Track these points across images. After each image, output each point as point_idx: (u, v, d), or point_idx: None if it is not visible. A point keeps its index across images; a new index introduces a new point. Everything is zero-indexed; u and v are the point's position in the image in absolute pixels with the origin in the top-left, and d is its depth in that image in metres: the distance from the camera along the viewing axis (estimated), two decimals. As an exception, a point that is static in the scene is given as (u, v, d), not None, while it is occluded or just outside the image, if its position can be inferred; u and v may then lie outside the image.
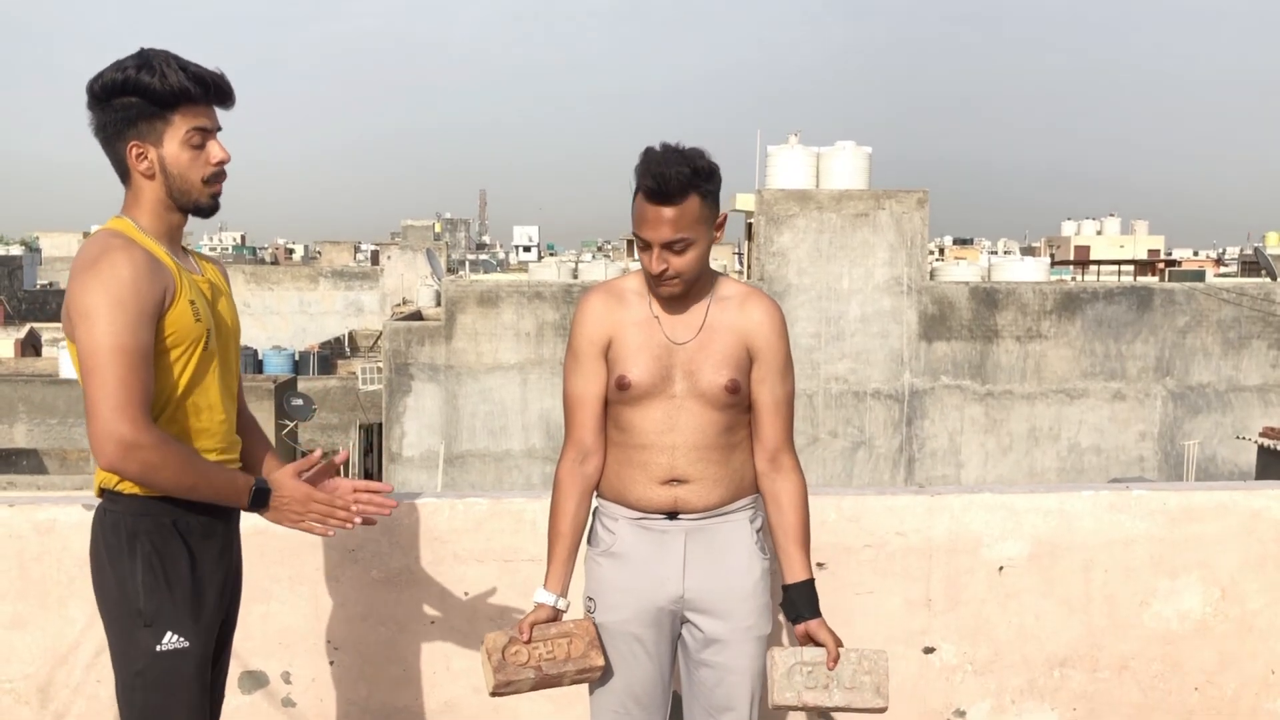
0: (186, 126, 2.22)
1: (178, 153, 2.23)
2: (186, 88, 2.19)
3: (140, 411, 2.11)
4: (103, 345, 2.10)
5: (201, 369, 2.27)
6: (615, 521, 2.52)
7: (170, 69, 2.19)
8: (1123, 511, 3.27)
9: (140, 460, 2.11)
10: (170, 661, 2.20)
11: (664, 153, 2.37)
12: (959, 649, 3.28)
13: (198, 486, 2.19)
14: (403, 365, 17.41)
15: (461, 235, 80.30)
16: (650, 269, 2.43)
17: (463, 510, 3.20)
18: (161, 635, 2.20)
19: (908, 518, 3.25)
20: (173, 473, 2.15)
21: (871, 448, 20.36)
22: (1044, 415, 20.60)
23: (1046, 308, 20.44)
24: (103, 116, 2.22)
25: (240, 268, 43.93)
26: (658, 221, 2.38)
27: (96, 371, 2.10)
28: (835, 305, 20.06)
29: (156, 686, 2.21)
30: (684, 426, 2.45)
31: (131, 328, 2.11)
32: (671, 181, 2.34)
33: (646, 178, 2.36)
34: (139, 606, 2.20)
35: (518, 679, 2.45)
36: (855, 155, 21.58)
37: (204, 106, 2.24)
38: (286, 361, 31.02)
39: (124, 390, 2.09)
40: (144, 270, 2.15)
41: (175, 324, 2.21)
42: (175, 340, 2.22)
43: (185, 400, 2.26)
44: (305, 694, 3.20)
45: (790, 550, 2.47)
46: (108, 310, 2.10)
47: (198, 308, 2.26)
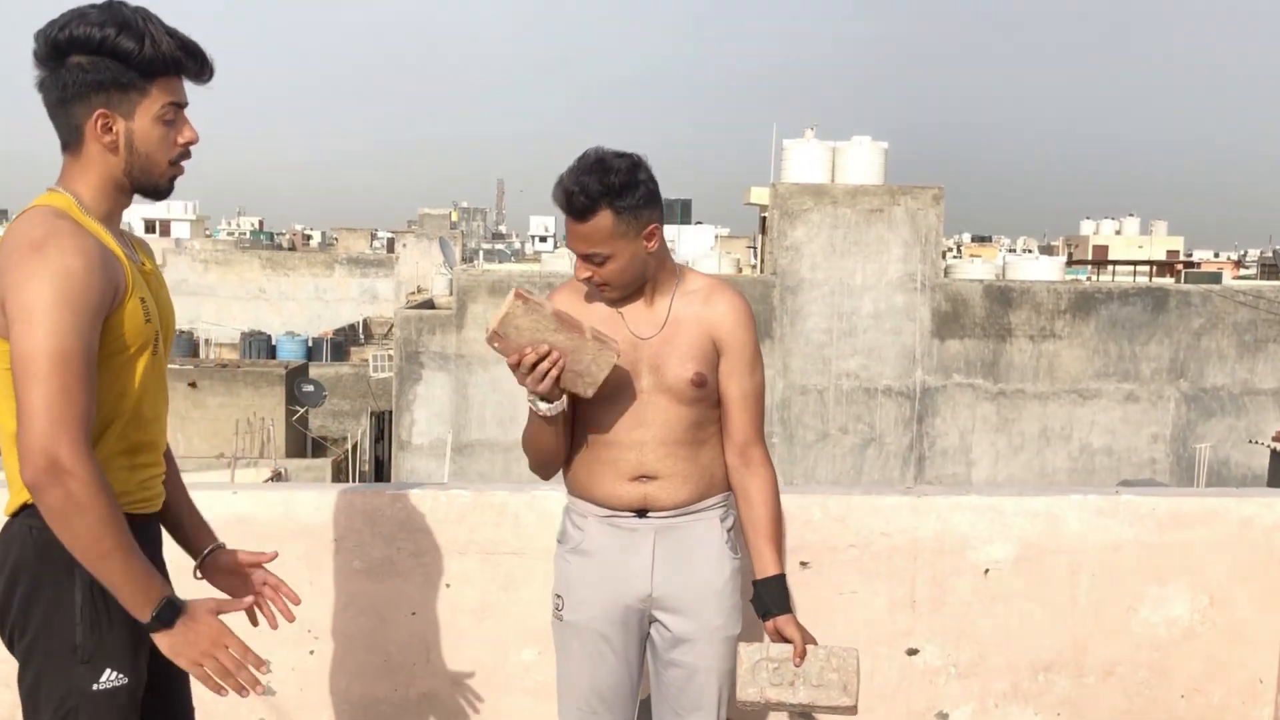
0: (164, 100, 1.97)
1: (149, 128, 1.97)
2: (177, 57, 1.95)
3: (81, 432, 1.85)
4: (45, 348, 1.83)
5: (149, 374, 2.03)
6: (584, 519, 2.50)
7: (159, 33, 1.93)
8: (1111, 516, 3.23)
9: (67, 490, 1.83)
10: (106, 700, 1.97)
11: (584, 165, 2.33)
12: (943, 651, 3.25)
13: (109, 555, 1.86)
14: (413, 353, 17.43)
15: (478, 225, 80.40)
16: (578, 277, 2.44)
17: (445, 502, 3.19)
18: (100, 672, 1.96)
19: (894, 518, 3.23)
20: (90, 524, 1.84)
21: (882, 445, 20.30)
22: (1056, 415, 20.50)
23: (1060, 307, 20.34)
24: (64, 75, 1.94)
25: (257, 253, 44.07)
26: (572, 235, 2.39)
27: (35, 379, 1.83)
28: (848, 301, 19.99)
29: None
30: (651, 422, 2.43)
31: (77, 329, 1.86)
32: (576, 199, 2.32)
33: (558, 192, 2.35)
34: (75, 641, 1.96)
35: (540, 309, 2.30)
36: (871, 150, 21.49)
37: (180, 80, 2.00)
38: (300, 347, 31.14)
39: (66, 403, 1.83)
40: (95, 261, 1.89)
41: (125, 324, 1.96)
42: (125, 343, 1.97)
43: (136, 411, 2.03)
44: (285, 683, 3.20)
45: (760, 545, 2.45)
46: (54, 308, 1.84)
47: (148, 306, 2.02)
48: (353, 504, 3.18)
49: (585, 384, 2.36)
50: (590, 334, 2.33)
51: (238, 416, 21.79)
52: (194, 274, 40.63)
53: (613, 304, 2.47)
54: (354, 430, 24.52)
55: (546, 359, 2.30)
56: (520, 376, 2.33)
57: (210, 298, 40.09)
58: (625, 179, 2.32)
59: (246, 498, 3.20)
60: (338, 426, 25.49)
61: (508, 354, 2.32)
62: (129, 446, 2.04)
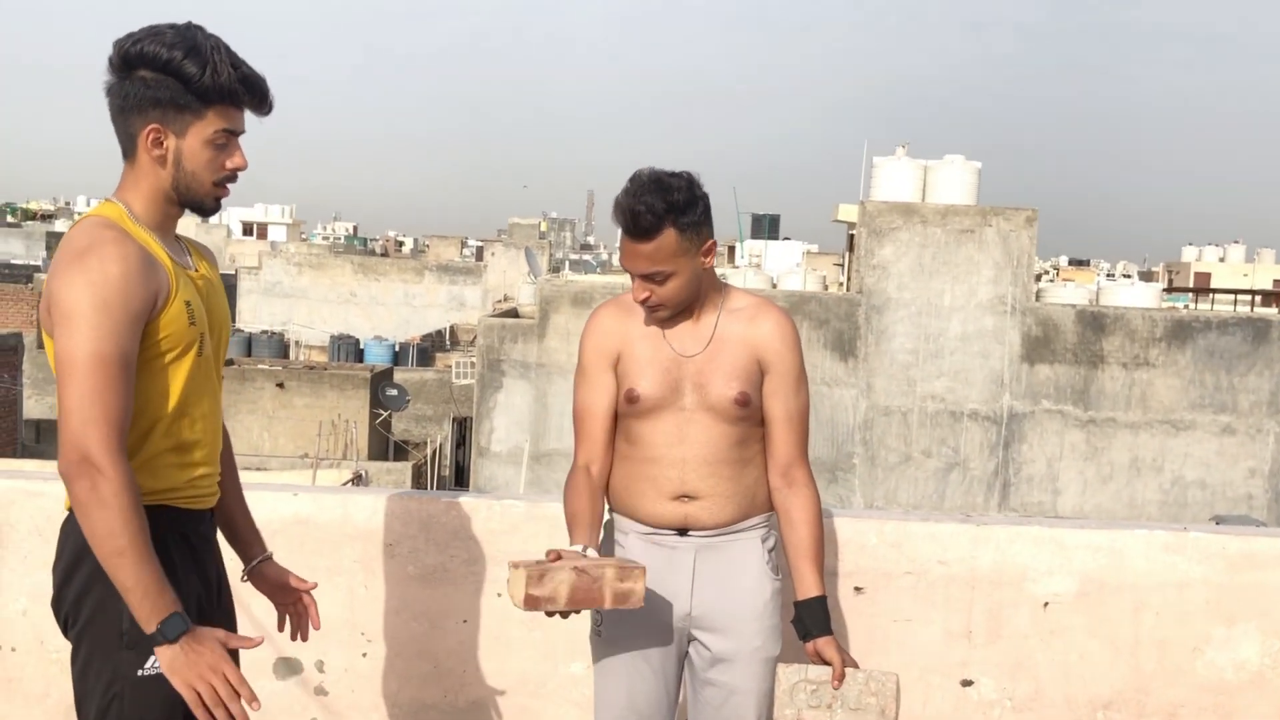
0: (217, 126, 2.07)
1: (198, 149, 2.08)
2: (234, 89, 2.06)
3: (112, 432, 1.94)
4: (84, 351, 1.94)
5: (196, 375, 2.12)
6: (626, 535, 2.50)
7: (222, 64, 2.03)
8: (1178, 553, 3.14)
9: (92, 485, 1.92)
10: (151, 686, 2.03)
11: (642, 184, 2.33)
12: (998, 684, 3.18)
13: (123, 556, 1.92)
14: (495, 361, 17.60)
15: (567, 235, 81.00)
16: (635, 298, 2.42)
17: (500, 512, 3.21)
18: (145, 658, 2.02)
19: (951, 546, 3.17)
20: (105, 525, 1.92)
21: (966, 470, 19.96)
22: (1148, 446, 19.97)
23: (1156, 335, 19.83)
24: (129, 87, 2.04)
25: (349, 258, 44.92)
26: (635, 255, 2.37)
27: (75, 377, 1.94)
28: (935, 322, 19.71)
29: (135, 711, 2.06)
30: (694, 440, 2.42)
31: (115, 334, 1.95)
32: (643, 218, 2.31)
33: (621, 213, 2.33)
34: (122, 628, 2.03)
35: (556, 580, 2.26)
36: (964, 170, 21.19)
37: (238, 109, 2.10)
38: (387, 352, 31.64)
39: (99, 404, 1.93)
40: (137, 268, 1.99)
41: (169, 327, 2.05)
42: (169, 344, 2.06)
43: (181, 410, 2.11)
44: (338, 684, 3.24)
45: (801, 567, 2.42)
46: (93, 313, 1.94)
47: (193, 309, 2.10)
48: (409, 510, 3.22)
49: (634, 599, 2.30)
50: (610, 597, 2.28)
51: (322, 418, 22.21)
52: (287, 277, 41.55)
53: (663, 323, 2.47)
54: (436, 435, 24.84)
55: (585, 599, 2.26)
56: None
57: (302, 300, 40.95)
58: (686, 196, 2.33)
59: (307, 500, 3.25)
60: (420, 431, 25.83)
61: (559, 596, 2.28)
62: (177, 444, 2.12)
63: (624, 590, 2.27)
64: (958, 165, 21.15)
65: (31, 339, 25.92)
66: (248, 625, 3.18)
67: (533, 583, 2.24)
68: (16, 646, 3.23)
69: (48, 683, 3.22)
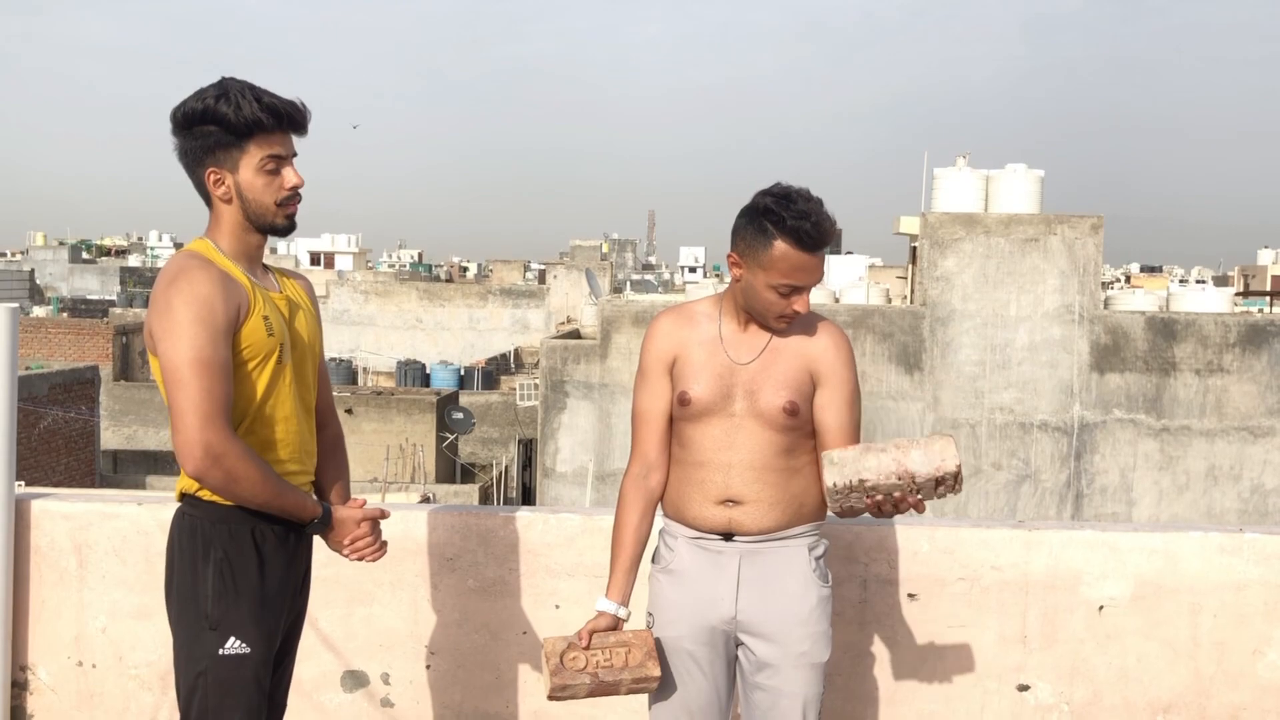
0: (261, 154, 2.32)
1: (252, 179, 2.33)
2: (260, 118, 2.29)
3: (225, 421, 2.24)
4: (186, 358, 2.22)
5: (275, 381, 2.38)
6: (675, 540, 2.56)
7: (245, 100, 2.29)
8: (1234, 555, 3.12)
9: (225, 469, 2.23)
10: (232, 665, 2.31)
11: (807, 198, 2.40)
12: (1055, 688, 3.18)
13: (271, 502, 2.32)
14: (558, 382, 17.75)
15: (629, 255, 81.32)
16: (794, 310, 2.45)
17: (556, 525, 3.28)
18: (225, 639, 2.31)
19: (1004, 551, 3.18)
20: (252, 484, 2.27)
21: (1037, 482, 19.68)
22: (1224, 454, 19.54)
23: (1229, 340, 19.43)
24: (185, 143, 2.34)
25: (415, 284, 45.50)
26: (813, 268, 2.42)
27: (181, 384, 2.22)
28: (1001, 333, 19.50)
29: (217, 688, 2.31)
30: (741, 445, 2.48)
31: (211, 342, 2.24)
32: (829, 231, 2.38)
33: (805, 222, 2.37)
34: (206, 610, 2.32)
35: (574, 684, 2.50)
36: (1026, 178, 20.97)
37: (278, 135, 2.34)
38: (452, 376, 31.97)
39: (209, 401, 2.22)
40: (219, 287, 2.28)
41: (249, 338, 2.32)
42: (250, 354, 2.33)
43: (261, 411, 2.37)
44: (403, 695, 3.33)
45: None
46: (189, 325, 2.23)
47: (271, 323, 2.36)
48: (468, 525, 3.31)
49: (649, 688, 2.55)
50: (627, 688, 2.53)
51: (390, 442, 22.51)
52: (355, 304, 42.21)
53: (781, 332, 2.51)
54: (502, 457, 25.05)
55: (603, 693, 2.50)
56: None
57: (369, 327, 41.56)
58: None
59: (369, 516, 3.35)
60: (486, 453, 26.06)
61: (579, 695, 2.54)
62: (260, 442, 2.37)
63: (641, 684, 2.53)
64: (1020, 174, 20.94)
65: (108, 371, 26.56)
66: (314, 638, 3.28)
67: (556, 690, 2.52)
68: (97, 663, 3.36)
69: (126, 698, 3.34)
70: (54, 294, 53.42)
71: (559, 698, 2.53)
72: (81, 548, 3.35)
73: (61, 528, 3.35)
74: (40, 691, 3.37)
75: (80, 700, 3.36)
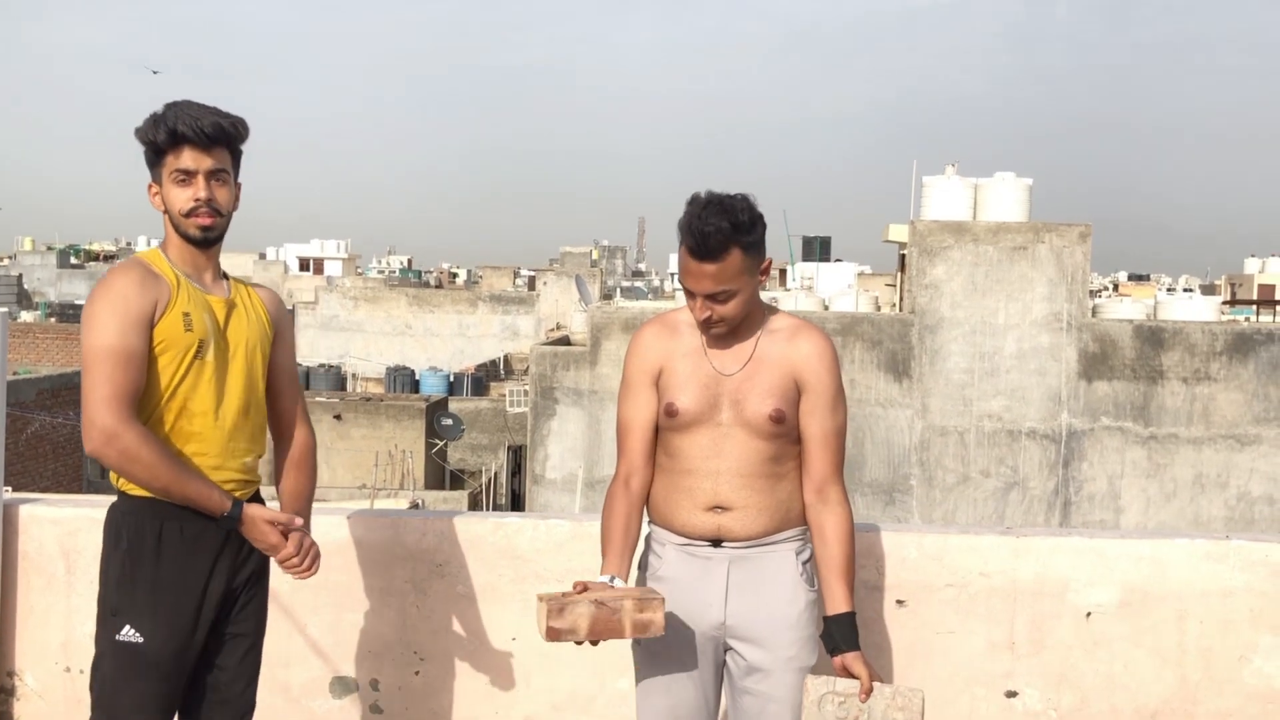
0: (173, 168, 2.51)
1: (169, 191, 2.53)
2: (157, 139, 2.49)
3: (124, 405, 2.37)
4: (95, 345, 2.39)
5: (191, 374, 2.49)
6: (663, 547, 2.57)
7: (161, 120, 2.48)
8: (1221, 562, 3.14)
9: (119, 449, 2.36)
10: (125, 652, 2.44)
11: (706, 206, 2.40)
12: (1043, 694, 3.19)
13: (170, 488, 2.41)
14: (548, 389, 17.74)
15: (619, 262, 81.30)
16: (695, 316, 2.48)
17: (545, 531, 3.29)
18: (121, 627, 2.45)
19: (992, 558, 3.20)
20: (147, 467, 2.38)
21: (1025, 489, 19.70)
22: (1212, 461, 19.58)
23: (1216, 349, 19.49)
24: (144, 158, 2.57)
25: (404, 290, 45.47)
26: (700, 276, 2.43)
27: (89, 369, 2.39)
28: (990, 340, 19.53)
29: (112, 673, 2.46)
30: (729, 453, 2.49)
31: (120, 331, 2.39)
32: (712, 239, 2.38)
33: (688, 235, 2.40)
34: (111, 599, 2.47)
35: (574, 612, 2.38)
36: (1015, 187, 21.03)
37: (188, 150, 2.49)
38: (442, 382, 31.93)
39: (110, 385, 2.36)
40: (135, 283, 2.44)
41: (164, 332, 2.46)
42: (165, 346, 2.46)
43: (172, 401, 2.48)
44: (392, 702, 3.33)
45: (832, 582, 2.47)
46: (100, 316, 2.40)
47: (191, 319, 2.49)
48: (457, 531, 3.31)
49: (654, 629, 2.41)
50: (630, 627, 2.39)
51: (380, 449, 22.48)
52: (344, 310, 42.15)
53: (715, 341, 2.53)
54: (491, 464, 25.02)
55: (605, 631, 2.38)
56: None
57: (359, 333, 41.50)
58: (749, 217, 2.42)
59: (358, 523, 3.35)
60: (476, 460, 26.03)
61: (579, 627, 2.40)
62: (174, 429, 2.49)
63: (643, 620, 2.38)
64: (1008, 182, 21.00)
65: (97, 377, 26.34)
66: (303, 644, 3.28)
67: (553, 615, 2.37)
68: (85, 669, 3.33)
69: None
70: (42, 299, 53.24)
71: (558, 630, 2.37)
72: (70, 553, 3.34)
73: (50, 533, 3.35)
74: (28, 697, 3.36)
75: (68, 706, 3.35)
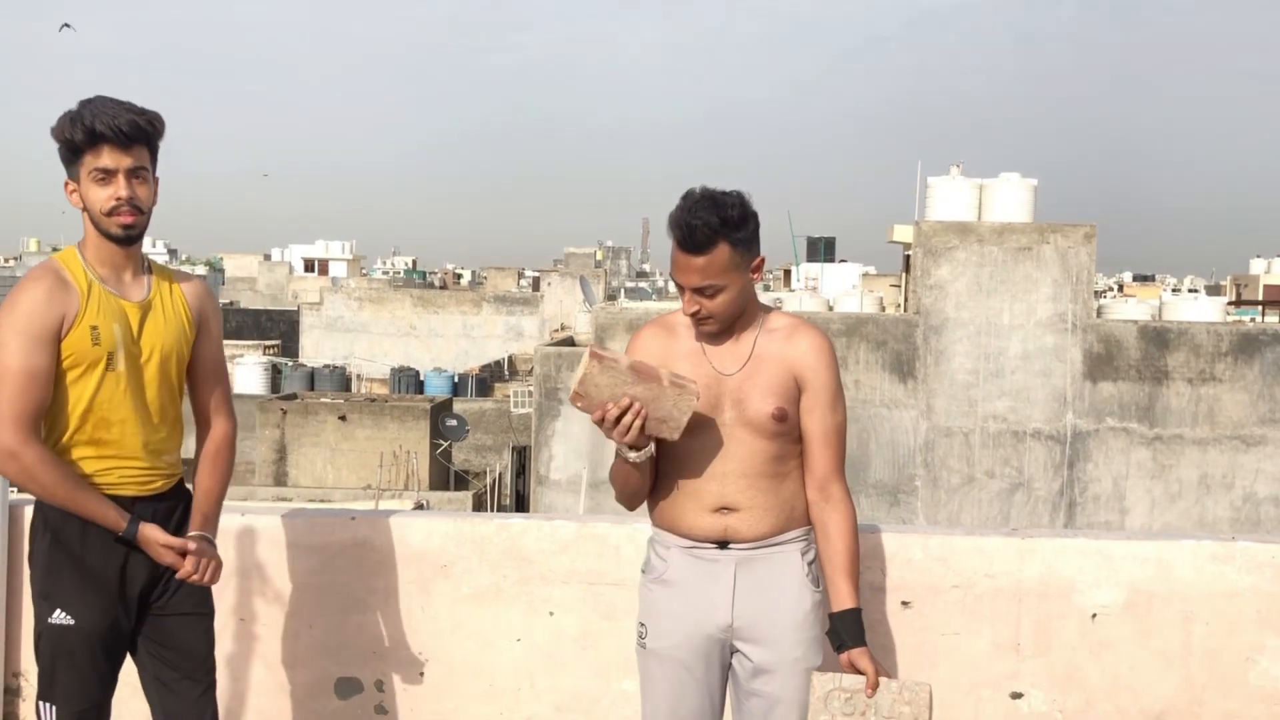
0: (91, 167, 2.52)
1: (88, 190, 2.54)
2: (71, 138, 2.51)
3: (25, 425, 2.46)
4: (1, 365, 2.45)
5: (105, 386, 2.55)
6: (668, 549, 2.57)
7: (77, 119, 2.49)
8: (1226, 563, 3.13)
9: (17, 467, 2.48)
10: (59, 634, 2.56)
11: (697, 201, 2.41)
12: (1048, 696, 3.19)
13: (68, 506, 2.52)
14: (552, 390, 17.73)
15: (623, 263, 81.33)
16: (685, 311, 2.49)
17: (550, 532, 3.29)
18: (53, 610, 2.57)
19: (997, 559, 3.19)
20: (43, 487, 2.49)
21: (1030, 490, 19.67)
22: (1217, 462, 19.54)
23: (1222, 349, 19.45)
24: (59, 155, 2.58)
25: (409, 291, 45.50)
26: (688, 269, 2.43)
27: None
28: (995, 341, 19.50)
29: (49, 653, 2.59)
30: (733, 454, 2.49)
31: (25, 351, 2.46)
32: (699, 232, 2.39)
33: (676, 227, 2.41)
34: (40, 584, 2.59)
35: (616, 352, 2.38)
36: (1020, 187, 21.01)
37: (107, 149, 2.50)
38: (446, 383, 31.94)
39: (11, 406, 2.45)
40: (41, 300, 2.49)
41: (72, 347, 2.51)
42: (74, 361, 2.52)
43: (90, 414, 2.55)
44: (396, 702, 3.33)
45: (837, 579, 2.48)
46: (7, 335, 2.47)
47: (99, 333, 2.53)
48: (461, 532, 3.31)
49: (669, 429, 2.44)
50: (668, 380, 2.40)
51: (384, 449, 22.48)
52: (349, 311, 42.19)
53: (709, 339, 2.53)
54: (496, 465, 25.02)
55: (629, 412, 2.38)
56: (606, 430, 2.41)
57: (363, 334, 41.53)
58: (739, 213, 2.42)
59: (363, 524, 3.35)
60: (480, 460, 26.03)
61: (591, 411, 2.42)
62: (92, 440, 2.56)
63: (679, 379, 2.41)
64: (1013, 183, 20.97)
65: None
66: (307, 644, 3.27)
67: (596, 345, 2.37)
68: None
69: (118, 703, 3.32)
70: (47, 300, 53.14)
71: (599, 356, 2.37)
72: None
73: (55, 534, 3.34)
74: (33, 698, 3.36)
75: (73, 707, 3.35)
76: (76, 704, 2.60)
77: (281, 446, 23.64)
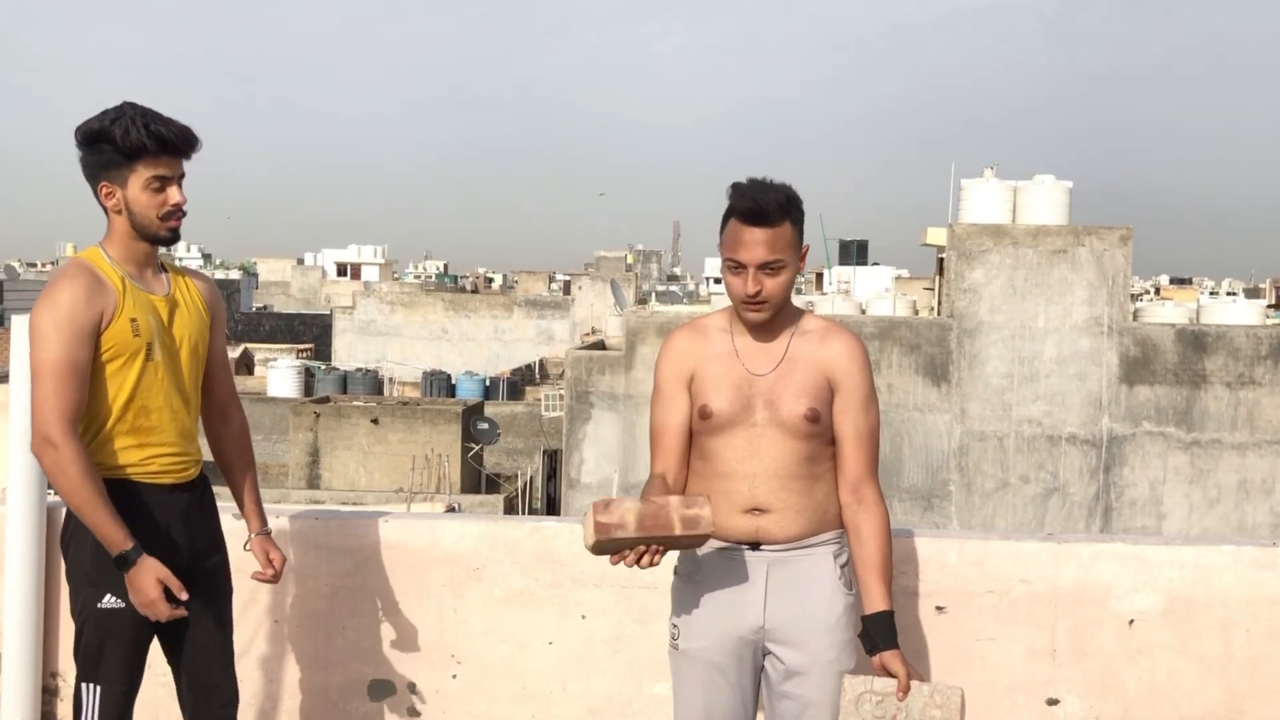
0: (147, 174, 2.60)
1: (138, 195, 2.62)
2: (144, 143, 2.58)
3: (65, 418, 2.52)
4: (44, 360, 2.54)
5: (146, 375, 2.65)
6: (699, 551, 2.55)
7: (135, 125, 2.57)
8: (1268, 569, 3.09)
9: (52, 459, 2.53)
10: (108, 617, 2.65)
11: (758, 181, 2.47)
12: (1085, 703, 3.15)
13: (80, 512, 2.56)
14: (583, 393, 17.76)
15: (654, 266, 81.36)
16: (744, 290, 2.48)
17: (581, 536, 3.27)
18: (103, 595, 2.64)
19: (1033, 564, 3.16)
20: (68, 482, 2.53)
21: (1065, 495, 19.52)
22: (1256, 467, 19.33)
23: (1261, 353, 19.24)
24: (84, 158, 2.64)
25: (440, 295, 45.69)
26: (754, 243, 2.44)
27: (38, 381, 2.55)
28: (1029, 345, 19.38)
29: (97, 637, 2.66)
30: (765, 455, 2.48)
31: (67, 345, 2.53)
32: (770, 204, 2.42)
33: (745, 199, 2.44)
34: (87, 570, 2.65)
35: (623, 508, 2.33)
36: (1054, 189, 20.86)
37: (164, 158, 2.61)
38: (478, 386, 32.04)
39: (57, 398, 2.53)
40: (81, 296, 2.56)
41: (114, 339, 2.60)
42: (115, 352, 2.60)
43: (132, 404, 2.64)
44: (429, 705, 3.34)
45: (869, 582, 2.47)
46: (49, 330, 2.53)
47: (138, 324, 2.62)
48: (494, 535, 3.31)
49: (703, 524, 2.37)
50: (680, 528, 2.33)
51: (416, 453, 22.58)
52: (381, 315, 42.44)
53: (752, 330, 2.52)
54: (527, 468, 25.07)
55: (647, 554, 2.35)
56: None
57: (396, 338, 41.78)
58: (798, 195, 2.49)
59: (396, 526, 3.37)
60: (511, 464, 26.09)
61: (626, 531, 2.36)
62: (134, 429, 2.66)
63: (691, 516, 2.33)
64: (1048, 185, 20.82)
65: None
66: (341, 646, 3.29)
67: (600, 510, 2.34)
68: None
69: (155, 705, 3.35)
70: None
71: (606, 525, 2.32)
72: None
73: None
74: (71, 699, 3.39)
75: (109, 707, 3.37)
76: (122, 683, 2.70)
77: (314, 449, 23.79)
